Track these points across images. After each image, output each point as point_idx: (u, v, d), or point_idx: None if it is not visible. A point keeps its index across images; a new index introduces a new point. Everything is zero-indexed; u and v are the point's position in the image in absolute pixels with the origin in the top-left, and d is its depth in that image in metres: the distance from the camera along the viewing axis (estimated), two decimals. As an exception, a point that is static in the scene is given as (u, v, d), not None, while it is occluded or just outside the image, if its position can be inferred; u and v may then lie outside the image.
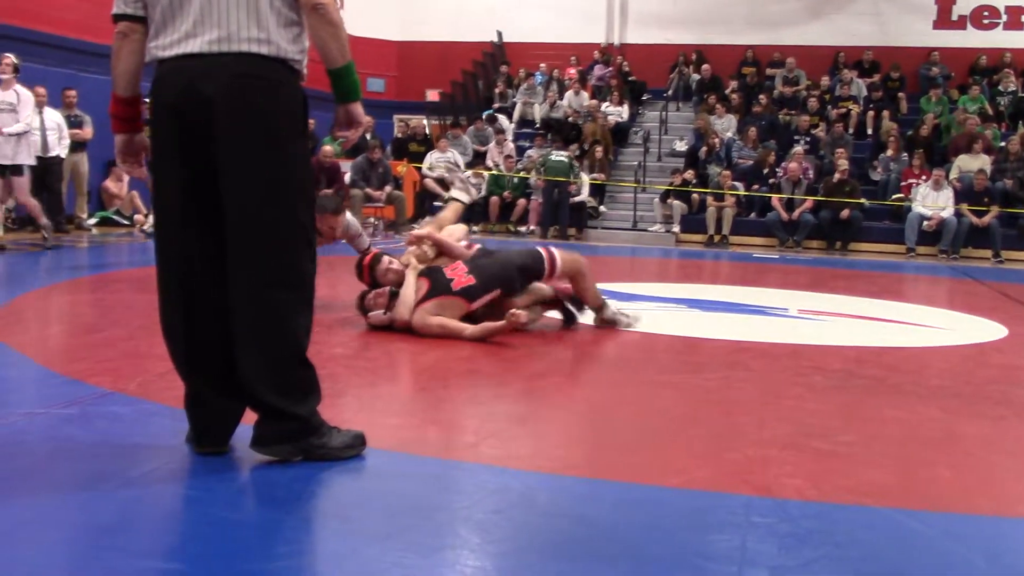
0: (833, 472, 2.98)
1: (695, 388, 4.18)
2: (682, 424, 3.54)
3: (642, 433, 3.40)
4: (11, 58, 9.61)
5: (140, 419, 3.29)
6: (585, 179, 14.89)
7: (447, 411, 3.63)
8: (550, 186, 14.37)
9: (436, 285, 5.14)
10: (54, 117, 11.38)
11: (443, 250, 5.42)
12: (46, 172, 11.24)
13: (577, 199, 14.56)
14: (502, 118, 17.57)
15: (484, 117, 17.10)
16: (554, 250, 5.35)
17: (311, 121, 12.11)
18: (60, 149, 11.37)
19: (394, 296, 5.19)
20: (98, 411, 3.34)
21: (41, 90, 11.23)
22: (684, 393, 4.08)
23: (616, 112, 17.67)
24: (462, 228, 5.85)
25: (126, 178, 12.96)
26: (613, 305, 5.57)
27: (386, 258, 5.37)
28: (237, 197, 2.70)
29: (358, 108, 2.88)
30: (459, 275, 5.15)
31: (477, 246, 5.50)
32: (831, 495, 2.76)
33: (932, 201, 13.72)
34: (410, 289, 5.16)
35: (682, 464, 3.00)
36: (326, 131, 16.30)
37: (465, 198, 6.09)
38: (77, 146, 11.89)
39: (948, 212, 13.60)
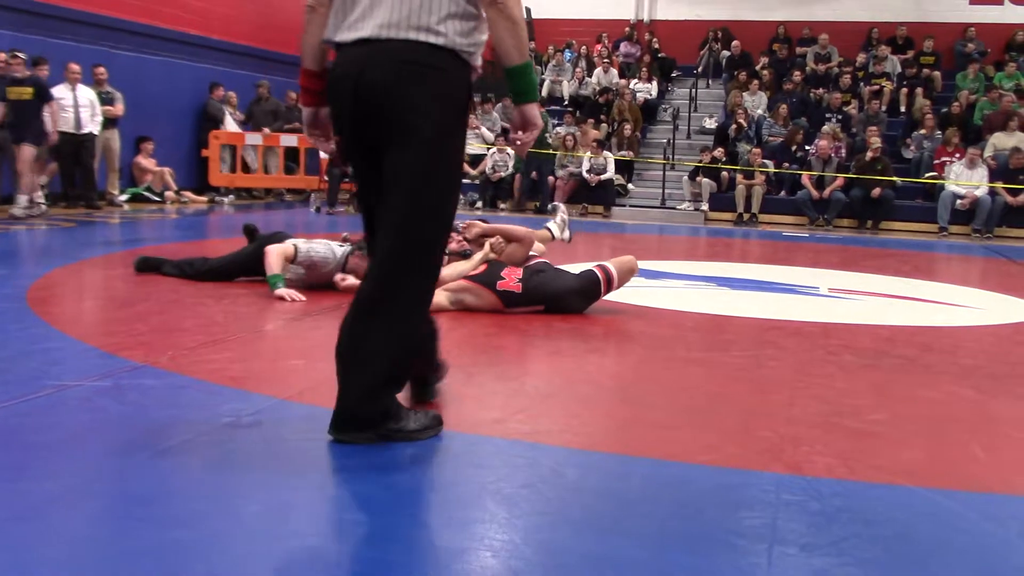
0: (864, 451, 2.96)
1: (725, 366, 4.15)
2: (712, 402, 3.52)
3: (671, 410, 3.39)
4: None
5: (172, 392, 3.32)
6: (610, 156, 14.80)
7: (475, 387, 3.63)
8: (531, 162, 14.45)
9: (487, 275, 5.19)
10: (87, 94, 11.46)
11: (504, 235, 5.42)
12: (79, 148, 11.36)
13: (604, 176, 14.48)
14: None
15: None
16: (610, 267, 5.30)
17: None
18: (92, 126, 11.46)
19: (460, 256, 5.54)
20: (131, 384, 3.37)
21: (74, 67, 11.33)
22: (714, 371, 4.06)
23: (645, 89, 17.55)
24: (542, 240, 5.91)
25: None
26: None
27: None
28: (392, 183, 2.73)
29: (534, 109, 2.82)
30: (510, 279, 5.17)
31: (543, 260, 5.50)
32: (862, 474, 2.74)
33: (966, 179, 13.53)
34: (469, 264, 5.37)
35: (712, 441, 2.99)
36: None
37: (556, 233, 6.20)
38: (109, 123, 11.97)
39: (982, 191, 13.41)
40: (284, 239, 5.71)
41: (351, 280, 5.10)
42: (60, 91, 11.21)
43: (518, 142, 2.86)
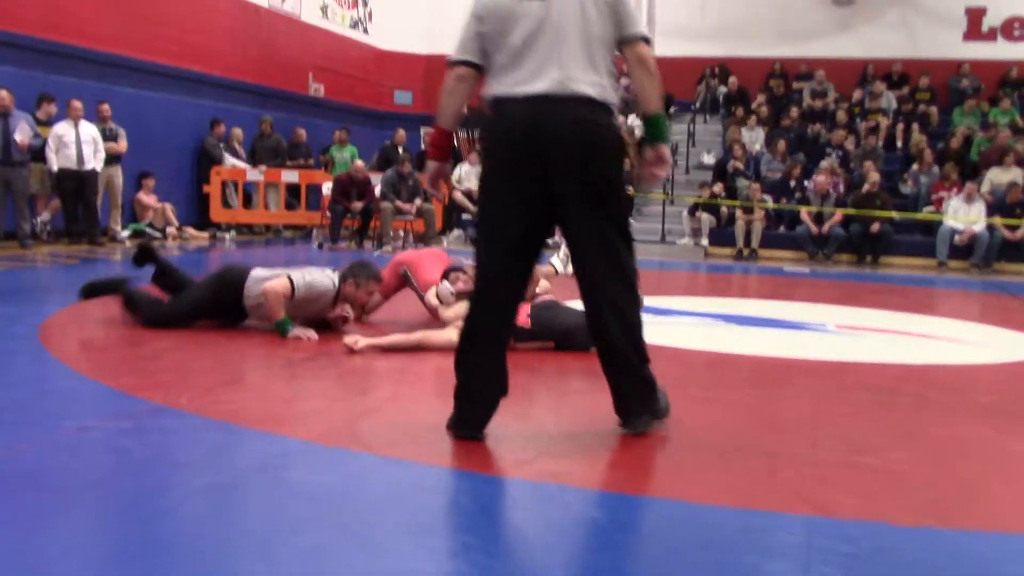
0: (890, 491, 2.96)
1: (742, 405, 4.16)
2: (733, 441, 3.51)
3: (694, 451, 3.38)
4: None
5: (194, 433, 3.31)
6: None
7: (494, 426, 3.62)
8: None
9: None
10: (89, 130, 11.48)
11: None
12: (82, 185, 11.37)
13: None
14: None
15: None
16: None
17: (345, 132, 12.25)
18: (95, 162, 11.47)
19: (469, 295, 5.43)
20: (152, 425, 3.36)
21: (76, 104, 11.37)
22: (731, 410, 4.06)
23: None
24: (546, 276, 5.93)
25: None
26: None
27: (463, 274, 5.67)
28: (591, 233, 3.20)
29: (667, 149, 3.37)
30: (519, 315, 5.17)
31: (549, 298, 5.51)
32: (890, 515, 2.74)
33: (964, 214, 13.62)
34: None
35: (737, 482, 2.99)
36: (363, 144, 16.44)
37: (560, 268, 6.20)
38: (111, 159, 11.98)
39: (980, 226, 13.48)
40: (243, 273, 5.37)
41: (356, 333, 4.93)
42: (62, 128, 11.26)
43: (653, 176, 3.42)
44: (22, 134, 10.61)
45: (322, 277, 5.38)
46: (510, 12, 3.18)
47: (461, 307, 5.40)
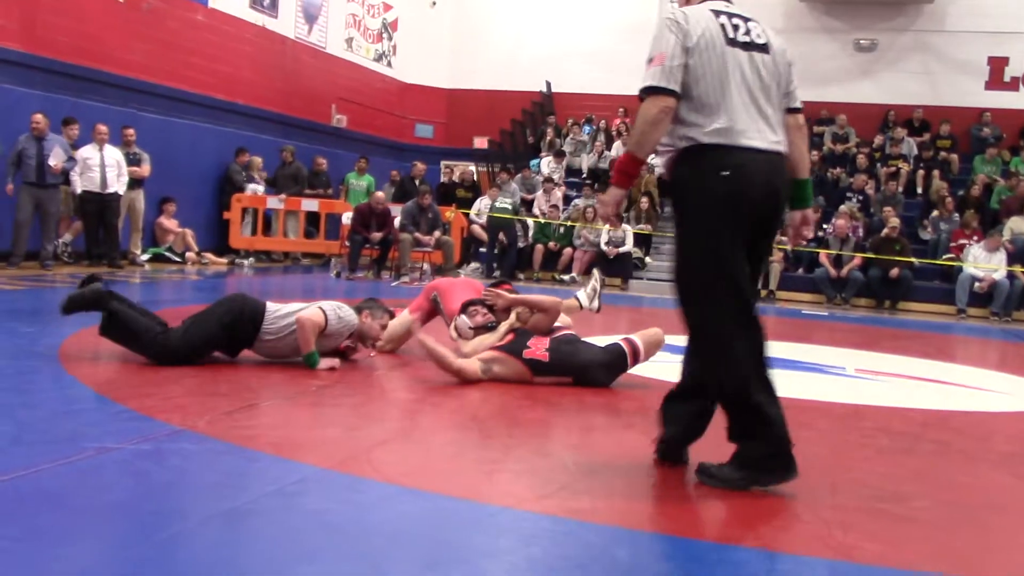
0: (914, 539, 2.92)
1: (762, 446, 4.11)
2: (753, 483, 3.48)
3: (715, 491, 3.34)
4: None
5: (212, 458, 3.30)
6: (629, 229, 14.88)
7: (514, 461, 3.60)
8: (494, 229, 14.78)
9: (514, 344, 5.19)
10: (113, 154, 11.59)
11: (530, 305, 5.44)
12: (104, 208, 11.47)
13: (623, 249, 14.55)
14: (546, 162, 17.67)
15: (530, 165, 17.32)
16: (636, 340, 5.29)
17: (365, 161, 12.40)
18: (118, 186, 11.57)
19: (486, 329, 5.51)
20: (171, 448, 3.36)
21: (101, 128, 11.49)
22: (751, 451, 4.01)
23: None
24: (568, 310, 5.92)
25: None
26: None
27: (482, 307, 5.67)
28: (757, 265, 3.40)
29: (812, 212, 3.57)
30: (537, 347, 5.16)
31: (569, 332, 5.47)
32: (914, 563, 2.70)
33: (984, 262, 13.55)
34: (494, 337, 5.36)
35: (759, 525, 2.96)
36: (383, 175, 16.58)
37: (585, 303, 6.20)
38: (134, 183, 12.09)
39: (1000, 274, 13.42)
40: (259, 306, 5.18)
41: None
42: (87, 151, 11.37)
43: (800, 237, 3.62)
44: (56, 158, 10.75)
45: (349, 311, 5.38)
46: (723, 55, 3.19)
47: (479, 341, 5.41)
